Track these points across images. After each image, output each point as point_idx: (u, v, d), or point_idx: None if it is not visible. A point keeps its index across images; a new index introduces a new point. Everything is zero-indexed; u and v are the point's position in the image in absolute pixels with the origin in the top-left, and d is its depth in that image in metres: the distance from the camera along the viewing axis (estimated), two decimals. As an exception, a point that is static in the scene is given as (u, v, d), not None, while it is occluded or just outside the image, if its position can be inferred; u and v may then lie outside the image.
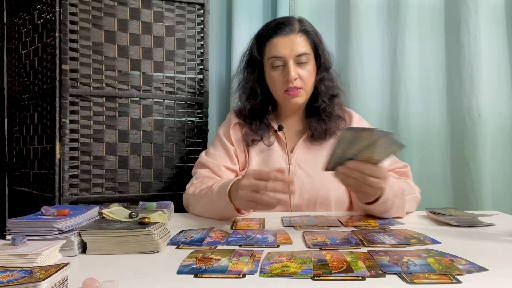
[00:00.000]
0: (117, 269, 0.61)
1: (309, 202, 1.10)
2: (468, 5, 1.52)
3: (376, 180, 0.85)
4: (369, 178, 0.84)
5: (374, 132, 0.77)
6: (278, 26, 1.13)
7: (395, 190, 0.91)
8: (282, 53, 1.10)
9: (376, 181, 0.85)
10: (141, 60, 1.42)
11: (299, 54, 1.10)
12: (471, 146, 1.52)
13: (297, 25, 1.13)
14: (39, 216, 0.73)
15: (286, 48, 1.10)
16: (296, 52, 1.10)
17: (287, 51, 1.10)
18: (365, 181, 0.84)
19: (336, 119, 1.17)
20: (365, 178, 0.84)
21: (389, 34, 1.59)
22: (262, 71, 1.18)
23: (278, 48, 1.11)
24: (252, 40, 1.20)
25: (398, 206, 0.94)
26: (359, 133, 0.77)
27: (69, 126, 1.32)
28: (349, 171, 0.84)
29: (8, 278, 0.48)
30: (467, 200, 1.53)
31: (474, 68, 1.52)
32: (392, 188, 0.90)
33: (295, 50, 1.10)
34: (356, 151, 0.81)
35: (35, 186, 1.44)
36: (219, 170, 1.12)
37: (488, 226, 0.87)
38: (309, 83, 1.14)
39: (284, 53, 1.10)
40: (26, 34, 1.48)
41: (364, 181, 0.84)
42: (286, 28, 1.12)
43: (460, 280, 0.53)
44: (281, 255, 0.65)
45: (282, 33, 1.11)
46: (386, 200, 0.90)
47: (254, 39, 1.19)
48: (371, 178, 0.84)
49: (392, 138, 0.79)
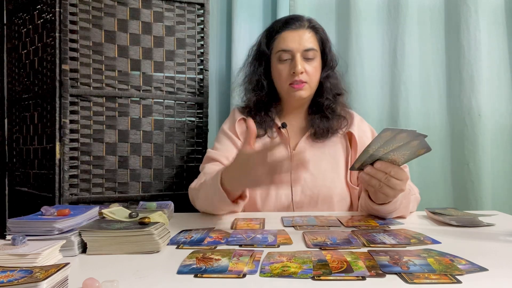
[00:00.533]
0: (117, 269, 0.61)
1: (311, 200, 1.11)
2: (468, 5, 1.52)
3: (399, 182, 0.85)
4: (392, 179, 0.85)
5: (412, 134, 0.77)
6: (288, 21, 1.16)
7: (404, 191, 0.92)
8: (290, 46, 1.12)
9: (398, 183, 0.85)
10: (141, 60, 1.42)
11: (306, 49, 1.12)
12: (471, 146, 1.52)
13: (306, 22, 1.16)
14: (39, 216, 0.73)
15: (295, 42, 1.12)
16: (304, 46, 1.12)
17: (295, 45, 1.12)
18: (388, 182, 0.85)
19: (339, 118, 1.18)
20: (389, 179, 0.84)
21: (389, 34, 1.60)
22: (268, 66, 1.20)
23: (287, 42, 1.13)
24: (262, 34, 1.22)
25: (405, 206, 0.95)
26: (398, 134, 0.77)
27: (69, 126, 1.32)
28: (375, 172, 0.84)
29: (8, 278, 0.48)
30: (467, 200, 1.53)
31: (474, 68, 1.52)
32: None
33: (303, 45, 1.12)
34: (386, 151, 0.82)
35: (35, 186, 1.44)
36: (227, 161, 1.10)
37: (488, 226, 0.87)
38: (314, 79, 1.15)
39: (292, 47, 1.12)
40: (26, 34, 1.47)
41: (387, 183, 0.85)
42: (295, 23, 1.14)
43: (460, 280, 0.53)
44: (281, 255, 0.65)
45: (291, 28, 1.14)
46: (396, 201, 0.90)
47: (263, 33, 1.21)
48: (394, 180, 0.85)
49: (423, 140, 0.80)
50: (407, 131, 0.77)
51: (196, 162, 1.49)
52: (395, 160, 0.85)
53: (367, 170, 0.86)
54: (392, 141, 0.79)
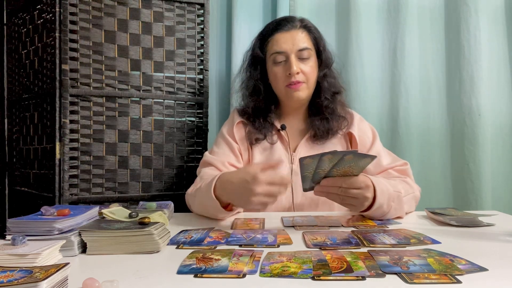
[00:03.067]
0: (117, 269, 0.61)
1: (312, 201, 1.11)
2: (468, 5, 1.52)
3: (358, 191, 0.86)
4: (350, 190, 0.85)
5: (335, 154, 0.78)
6: (279, 23, 1.16)
7: (390, 193, 0.91)
8: (284, 48, 1.11)
9: (357, 192, 0.86)
10: (141, 60, 1.42)
11: (300, 48, 1.11)
12: (471, 146, 1.52)
13: (298, 22, 1.15)
14: (39, 216, 0.73)
15: (288, 43, 1.12)
16: (298, 46, 1.11)
17: (288, 46, 1.11)
18: (347, 194, 0.85)
19: (339, 119, 1.17)
20: (346, 191, 0.85)
21: (389, 34, 1.60)
22: (264, 69, 1.19)
23: (280, 43, 1.12)
24: (255, 39, 1.22)
25: (396, 208, 0.94)
26: (321, 157, 0.78)
27: (69, 126, 1.32)
28: (326, 188, 0.85)
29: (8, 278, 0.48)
30: (467, 200, 1.53)
31: (474, 68, 1.52)
32: (386, 193, 0.90)
33: (297, 45, 1.11)
34: (327, 170, 0.81)
35: (35, 186, 1.44)
36: (224, 167, 1.11)
37: (488, 226, 0.87)
38: (311, 78, 1.14)
39: (286, 48, 1.11)
40: (26, 34, 1.48)
41: (346, 194, 0.86)
42: (287, 25, 1.14)
43: (460, 280, 0.53)
44: (281, 255, 0.65)
45: (283, 29, 1.13)
46: (380, 206, 0.90)
47: (256, 38, 1.21)
48: (352, 190, 0.85)
49: (356, 154, 0.79)
50: (327, 153, 0.78)
51: (196, 162, 1.49)
52: (347, 172, 0.84)
53: (317, 189, 0.86)
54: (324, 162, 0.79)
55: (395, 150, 1.53)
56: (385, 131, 1.59)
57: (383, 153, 1.15)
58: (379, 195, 0.88)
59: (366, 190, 0.86)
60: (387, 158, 1.14)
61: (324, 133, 1.15)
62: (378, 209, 0.90)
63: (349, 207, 0.91)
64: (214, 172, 1.10)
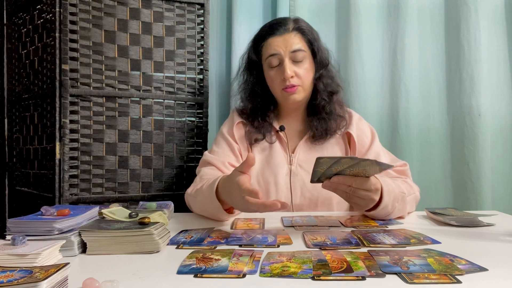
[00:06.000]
0: (117, 269, 0.61)
1: (311, 202, 1.11)
2: (468, 5, 1.52)
3: (366, 193, 0.85)
4: (358, 191, 0.85)
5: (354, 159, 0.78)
6: (272, 26, 1.15)
7: (395, 194, 0.92)
8: (277, 50, 1.12)
9: (365, 194, 0.85)
10: (141, 60, 1.42)
11: (293, 50, 1.11)
12: (471, 146, 1.52)
13: (291, 24, 1.14)
14: (39, 216, 0.73)
15: (281, 46, 1.12)
16: (291, 48, 1.11)
17: (281, 48, 1.11)
18: (355, 193, 0.85)
19: (337, 118, 1.17)
20: (355, 191, 0.85)
21: (389, 34, 1.60)
22: (261, 73, 1.19)
23: (273, 47, 1.12)
24: (250, 43, 1.22)
25: (399, 209, 0.95)
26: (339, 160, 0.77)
27: (69, 126, 1.32)
28: (335, 185, 0.84)
29: (8, 278, 0.48)
30: (467, 200, 1.53)
31: (474, 68, 1.52)
32: (392, 193, 0.91)
33: (290, 47, 1.11)
34: (340, 169, 0.81)
35: (35, 186, 1.44)
36: (224, 166, 1.11)
37: (488, 226, 0.87)
38: (306, 81, 1.14)
39: (279, 51, 1.11)
40: (26, 34, 1.47)
41: (353, 194, 0.85)
42: (280, 28, 1.13)
43: (460, 280, 0.53)
44: (281, 255, 0.65)
45: (276, 33, 1.13)
46: (385, 206, 0.90)
47: (251, 41, 1.21)
48: (360, 191, 0.85)
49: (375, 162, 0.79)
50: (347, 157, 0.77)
51: (196, 162, 1.49)
52: (360, 173, 0.83)
53: (326, 183, 0.85)
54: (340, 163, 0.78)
55: (395, 150, 1.53)
56: (385, 131, 1.59)
57: (382, 153, 1.15)
58: (385, 196, 0.88)
59: (374, 193, 0.86)
60: (386, 159, 1.14)
61: (323, 133, 1.15)
62: (383, 209, 0.90)
63: (354, 205, 0.91)
64: (214, 171, 1.10)
